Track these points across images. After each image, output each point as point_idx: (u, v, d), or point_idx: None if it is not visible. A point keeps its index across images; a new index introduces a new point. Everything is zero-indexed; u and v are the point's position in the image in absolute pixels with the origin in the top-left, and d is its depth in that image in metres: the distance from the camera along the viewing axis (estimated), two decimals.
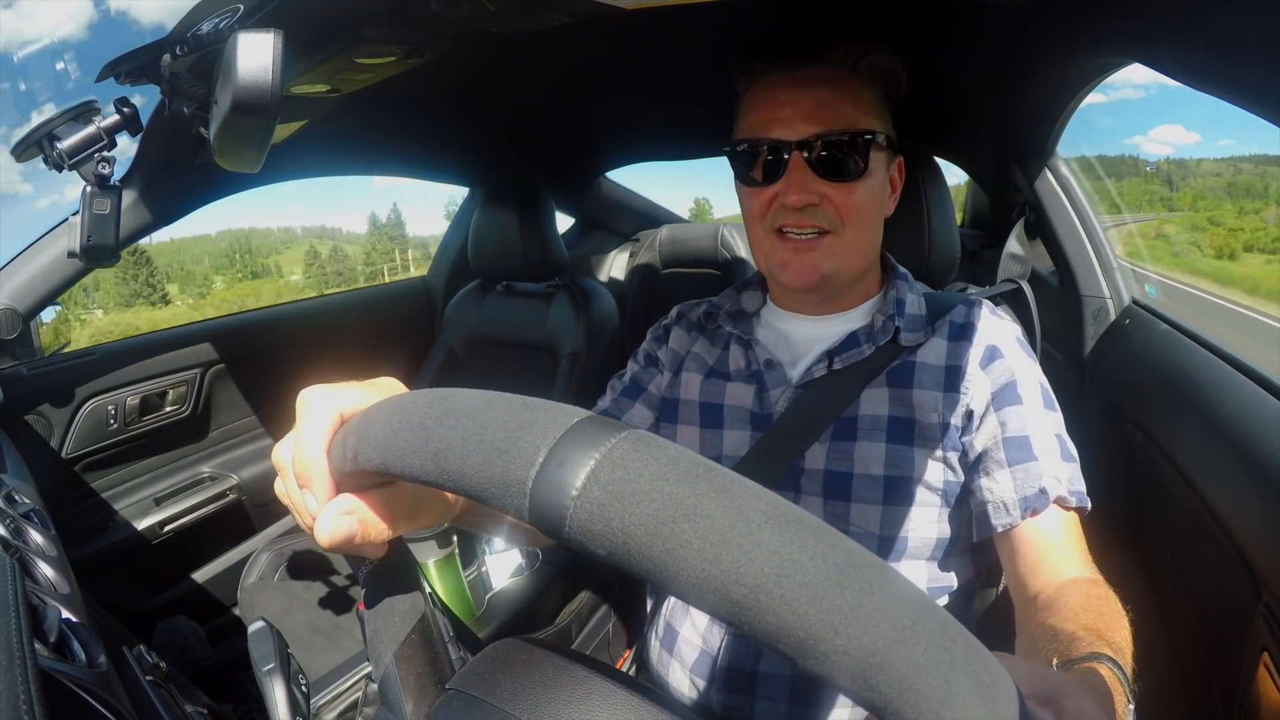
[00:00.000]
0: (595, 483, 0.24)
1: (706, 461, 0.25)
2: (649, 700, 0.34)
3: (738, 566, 0.22)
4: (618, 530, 0.23)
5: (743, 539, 0.22)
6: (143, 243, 4.68)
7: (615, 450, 0.24)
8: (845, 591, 0.22)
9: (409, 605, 0.40)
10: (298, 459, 0.34)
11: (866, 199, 0.73)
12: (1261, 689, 0.59)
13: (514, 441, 0.26)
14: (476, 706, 0.34)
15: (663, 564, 0.23)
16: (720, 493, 0.23)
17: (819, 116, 0.71)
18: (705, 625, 0.76)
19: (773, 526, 0.23)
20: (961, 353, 0.74)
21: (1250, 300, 4.26)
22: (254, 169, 0.66)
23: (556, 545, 1.08)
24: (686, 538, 0.23)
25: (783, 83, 0.73)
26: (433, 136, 1.50)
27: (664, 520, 0.23)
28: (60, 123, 0.85)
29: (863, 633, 0.22)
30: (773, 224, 0.74)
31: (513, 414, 0.27)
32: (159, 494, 1.49)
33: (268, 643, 0.65)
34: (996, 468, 0.69)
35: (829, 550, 0.23)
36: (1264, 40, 0.46)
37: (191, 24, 0.64)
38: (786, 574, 0.22)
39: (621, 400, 0.88)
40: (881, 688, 0.22)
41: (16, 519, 0.69)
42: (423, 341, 1.94)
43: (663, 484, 0.24)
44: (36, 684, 0.34)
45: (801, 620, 0.22)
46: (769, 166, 0.73)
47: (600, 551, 0.24)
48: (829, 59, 0.73)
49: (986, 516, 0.69)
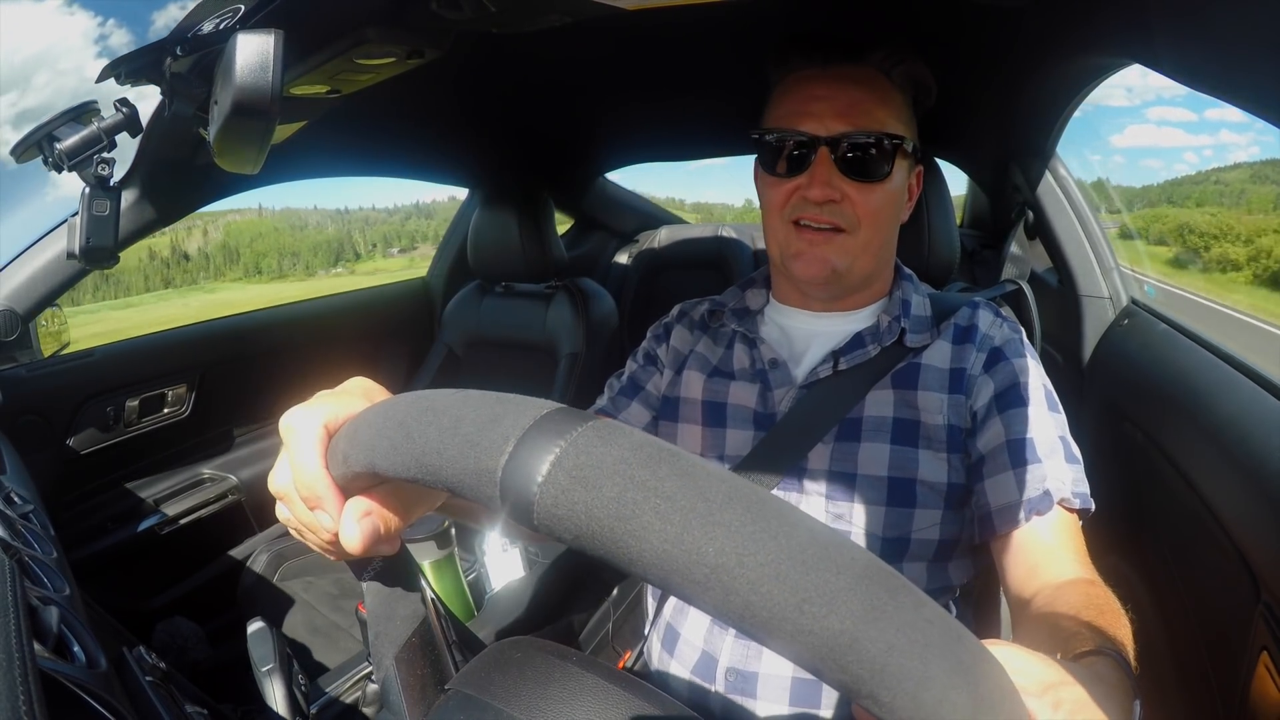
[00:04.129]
0: (560, 469, 0.24)
1: (670, 446, 0.25)
2: (648, 700, 0.34)
3: (699, 546, 0.22)
4: (582, 514, 0.24)
5: (703, 520, 0.23)
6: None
7: (580, 438, 0.25)
8: (811, 570, 0.22)
9: (410, 609, 0.40)
10: (300, 481, 0.34)
11: (885, 202, 0.74)
12: (1262, 689, 0.59)
13: (485, 434, 0.26)
14: (476, 706, 0.34)
15: (625, 545, 0.23)
16: (682, 475, 0.24)
17: (850, 115, 0.71)
18: (707, 626, 0.76)
19: (734, 507, 0.23)
20: (966, 355, 0.74)
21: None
22: (254, 170, 0.66)
23: (556, 546, 1.07)
24: (648, 519, 0.23)
25: (818, 78, 0.73)
26: (433, 137, 1.50)
27: (626, 503, 0.23)
28: (60, 123, 0.84)
29: (829, 611, 0.21)
30: (791, 215, 0.74)
31: (485, 408, 0.28)
32: (158, 494, 1.49)
33: (268, 643, 0.65)
34: (1001, 470, 0.69)
35: (793, 530, 0.23)
36: (1264, 40, 0.46)
37: (192, 24, 0.64)
38: (748, 553, 0.22)
39: (619, 399, 0.87)
40: (853, 669, 0.21)
41: (16, 520, 0.69)
42: (422, 342, 1.94)
43: (625, 468, 0.24)
44: (36, 684, 0.34)
45: (765, 599, 0.22)
46: (794, 159, 0.73)
47: (568, 536, 0.24)
48: (866, 60, 0.74)
49: (990, 519, 0.69)
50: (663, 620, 0.82)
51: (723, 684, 0.73)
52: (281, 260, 24.95)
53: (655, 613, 0.84)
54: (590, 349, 1.65)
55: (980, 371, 0.73)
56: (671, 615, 0.81)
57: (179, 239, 27.07)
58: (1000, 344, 0.74)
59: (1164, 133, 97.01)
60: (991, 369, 0.73)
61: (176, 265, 26.08)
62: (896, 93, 0.75)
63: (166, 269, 26.56)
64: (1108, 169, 44.11)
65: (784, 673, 0.71)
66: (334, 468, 0.33)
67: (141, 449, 1.48)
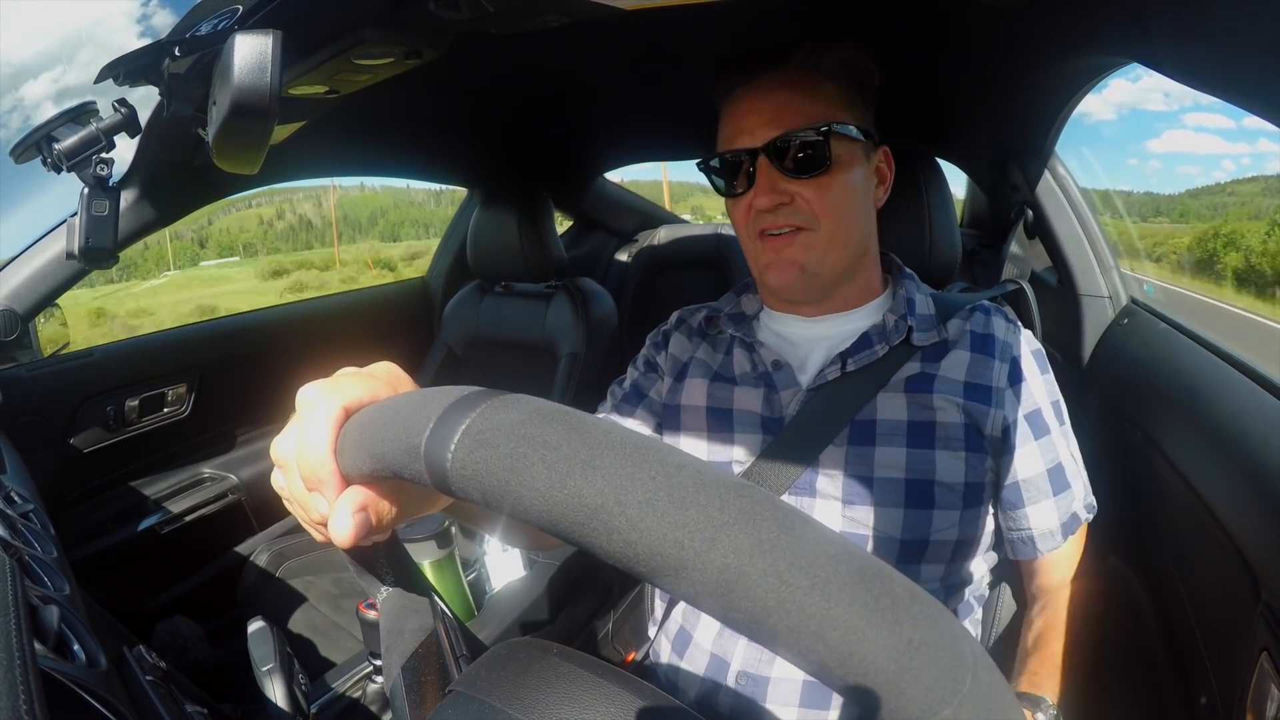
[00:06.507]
0: (468, 435, 0.26)
1: (569, 409, 0.26)
2: (651, 700, 0.34)
3: (579, 489, 0.23)
4: (484, 472, 0.25)
5: (584, 465, 0.23)
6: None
7: (489, 408, 0.27)
8: (690, 507, 0.22)
9: (419, 623, 0.40)
10: (303, 461, 0.33)
11: (840, 192, 0.73)
12: (1262, 689, 0.59)
13: (414, 416, 0.29)
14: (478, 707, 0.34)
15: (517, 495, 0.24)
16: (571, 430, 0.25)
17: (779, 119, 0.71)
18: (718, 629, 0.75)
19: (615, 453, 0.23)
20: (987, 365, 0.74)
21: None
22: (252, 170, 0.66)
23: (556, 546, 1.06)
24: (536, 469, 0.24)
25: (746, 93, 0.74)
26: (431, 138, 1.50)
27: (518, 456, 0.25)
28: (59, 124, 0.85)
29: (712, 546, 0.21)
30: (755, 229, 0.75)
31: (420, 397, 0.30)
32: (159, 494, 1.49)
33: (268, 643, 0.65)
34: (1043, 498, 0.74)
35: (675, 472, 0.23)
36: (1264, 40, 0.46)
37: (191, 25, 0.64)
38: (627, 493, 0.22)
39: (623, 407, 0.87)
40: (744, 605, 0.20)
41: (16, 519, 0.69)
42: (421, 342, 1.94)
43: (521, 428, 0.25)
44: (36, 684, 0.34)
45: (645, 535, 0.22)
46: (741, 176, 0.75)
47: (476, 496, 0.26)
48: (789, 61, 0.74)
49: (1032, 542, 0.75)
50: (672, 622, 0.81)
51: (733, 687, 0.72)
52: (415, 229, 26.42)
53: (664, 616, 0.83)
54: (590, 349, 1.65)
55: (1005, 384, 0.74)
56: (684, 618, 0.80)
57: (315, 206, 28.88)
58: (1018, 354, 0.75)
59: (1201, 139, 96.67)
60: (1016, 384, 0.74)
61: (303, 231, 27.09)
62: (829, 84, 0.74)
63: (306, 232, 28.27)
64: (1144, 173, 42.87)
65: (795, 676, 0.70)
66: (345, 458, 0.33)
67: (141, 448, 1.48)
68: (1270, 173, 16.83)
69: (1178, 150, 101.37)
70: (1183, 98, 39.99)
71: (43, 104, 79.00)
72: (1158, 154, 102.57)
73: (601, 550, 0.23)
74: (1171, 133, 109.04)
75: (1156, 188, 57.84)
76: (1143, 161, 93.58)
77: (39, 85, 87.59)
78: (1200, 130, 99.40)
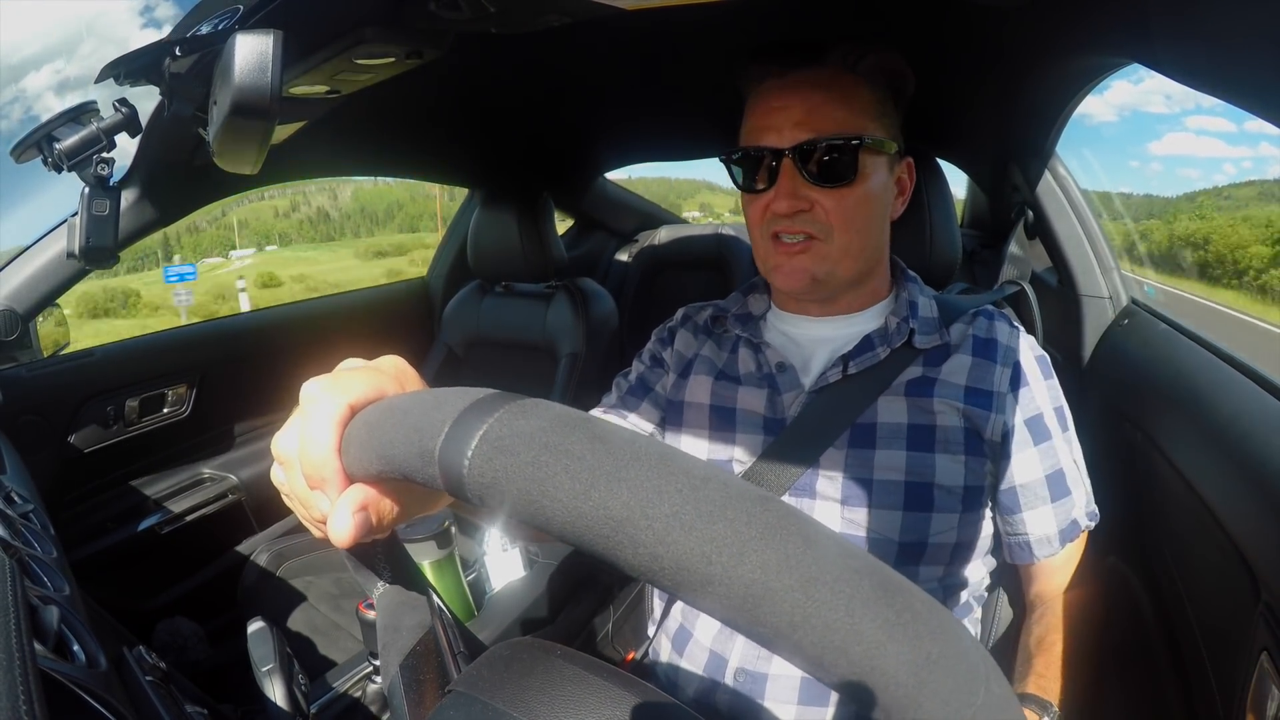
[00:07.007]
0: (486, 441, 0.26)
1: (588, 416, 0.26)
2: (650, 699, 0.34)
3: (604, 501, 0.23)
4: (503, 480, 0.25)
5: (609, 476, 0.23)
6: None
7: (505, 414, 0.26)
8: (718, 521, 0.21)
9: (417, 619, 0.40)
10: (306, 458, 0.32)
11: (858, 205, 0.72)
12: (1262, 689, 0.59)
13: (427, 419, 0.28)
14: (477, 707, 0.34)
15: (540, 506, 0.24)
16: (593, 439, 0.24)
17: (809, 122, 0.70)
18: (718, 627, 0.75)
19: (640, 464, 0.23)
20: (989, 370, 0.74)
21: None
22: (253, 170, 0.66)
23: (557, 546, 1.07)
24: (559, 479, 0.24)
25: (777, 87, 0.72)
26: (432, 137, 1.50)
27: (540, 465, 0.24)
28: (59, 124, 0.85)
29: (740, 561, 0.21)
30: (769, 230, 0.74)
31: (431, 398, 0.29)
32: (159, 494, 1.49)
33: (268, 643, 0.65)
34: (1040, 504, 0.73)
35: (702, 485, 0.22)
36: (1264, 40, 0.46)
37: (191, 24, 0.64)
38: (653, 505, 0.22)
39: (628, 399, 0.87)
40: (770, 620, 0.20)
41: (16, 519, 0.69)
42: (422, 342, 1.94)
43: (541, 435, 0.25)
44: (36, 684, 0.34)
45: (671, 549, 0.21)
46: (763, 173, 0.73)
47: (494, 504, 0.25)
48: (826, 60, 0.72)
49: (1029, 547, 0.75)
50: (672, 621, 0.82)
51: (732, 684, 0.72)
52: (432, 223, 26.92)
53: (663, 614, 0.84)
54: (590, 349, 1.65)
55: (1007, 389, 0.73)
56: (684, 617, 0.80)
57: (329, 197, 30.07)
58: (1020, 359, 0.75)
59: (1203, 142, 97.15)
60: (1018, 389, 0.74)
61: (323, 222, 27.75)
62: (865, 88, 0.72)
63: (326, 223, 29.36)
64: (1145, 176, 43.24)
65: (794, 673, 0.71)
66: (350, 457, 0.32)
67: (141, 448, 1.48)
68: (1269, 177, 16.97)
69: (1179, 153, 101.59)
70: (1184, 100, 39.38)
71: (44, 95, 79.10)
72: (1159, 156, 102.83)
73: (625, 563, 0.23)
74: (1173, 135, 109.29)
75: (1157, 190, 58.06)
76: (1144, 164, 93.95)
77: (41, 77, 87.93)
78: (1201, 133, 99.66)
